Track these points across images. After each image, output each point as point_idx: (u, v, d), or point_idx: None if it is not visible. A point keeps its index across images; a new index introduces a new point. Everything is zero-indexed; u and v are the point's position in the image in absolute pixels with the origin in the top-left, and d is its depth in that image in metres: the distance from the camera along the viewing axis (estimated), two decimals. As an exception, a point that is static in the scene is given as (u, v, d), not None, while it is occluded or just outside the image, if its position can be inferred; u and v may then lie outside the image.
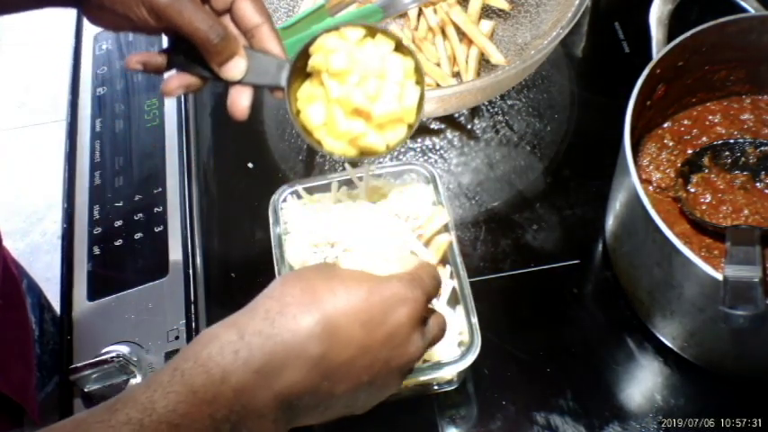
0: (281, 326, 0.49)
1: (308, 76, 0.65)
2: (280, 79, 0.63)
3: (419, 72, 0.64)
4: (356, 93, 0.62)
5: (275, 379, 0.48)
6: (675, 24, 0.79)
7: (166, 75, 0.64)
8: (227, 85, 0.63)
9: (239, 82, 0.62)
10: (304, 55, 0.63)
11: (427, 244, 0.74)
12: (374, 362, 0.51)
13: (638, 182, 0.68)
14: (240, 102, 0.63)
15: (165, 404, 0.46)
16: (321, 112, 0.64)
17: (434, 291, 0.58)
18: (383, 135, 0.65)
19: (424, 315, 0.56)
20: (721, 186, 0.78)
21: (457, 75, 0.95)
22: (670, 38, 0.77)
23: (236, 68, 0.61)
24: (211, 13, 0.60)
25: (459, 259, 0.71)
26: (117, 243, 0.86)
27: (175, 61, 0.63)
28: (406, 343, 0.53)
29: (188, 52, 0.62)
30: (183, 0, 0.58)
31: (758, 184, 0.78)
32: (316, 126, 0.65)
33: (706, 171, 0.79)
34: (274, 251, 0.72)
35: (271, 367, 0.48)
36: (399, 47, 0.63)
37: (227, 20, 0.63)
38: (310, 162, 0.93)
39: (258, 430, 0.48)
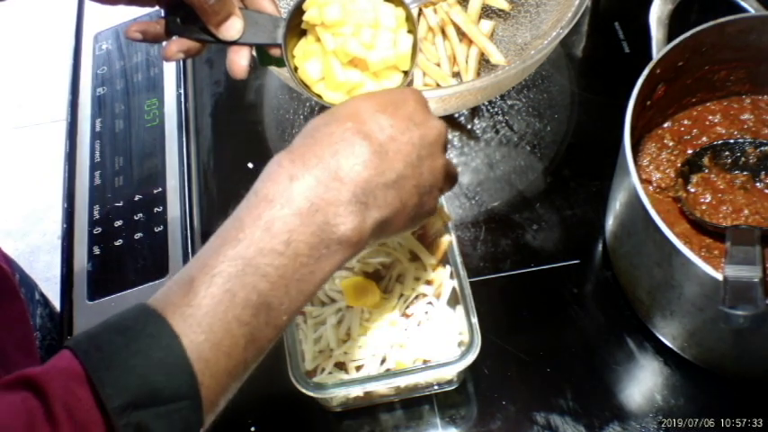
0: (319, 135, 0.53)
1: (303, 33, 0.67)
2: (276, 36, 0.64)
3: (411, 21, 0.66)
4: (351, 42, 0.64)
5: (338, 170, 0.51)
6: (675, 24, 0.79)
7: (164, 43, 0.66)
8: (226, 46, 0.64)
9: (237, 42, 0.64)
10: (298, 12, 0.65)
11: (427, 244, 0.74)
12: (412, 136, 0.55)
13: (638, 182, 0.68)
14: (239, 61, 0.65)
15: (251, 218, 0.50)
16: (318, 67, 0.66)
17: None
18: (380, 83, 0.67)
19: (429, 108, 0.59)
20: (721, 186, 0.78)
21: (457, 75, 0.95)
22: (670, 38, 0.77)
23: (232, 28, 0.63)
24: None
25: (459, 259, 0.71)
26: (117, 243, 0.86)
27: (173, 28, 0.65)
28: (427, 120, 0.57)
29: (185, 18, 0.63)
30: None
31: (758, 184, 0.78)
32: (314, 80, 0.66)
33: (706, 171, 0.79)
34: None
35: (328, 162, 0.51)
36: None
37: None
38: (310, 162, 0.93)
39: (344, 218, 0.51)
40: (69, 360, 0.45)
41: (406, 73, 0.67)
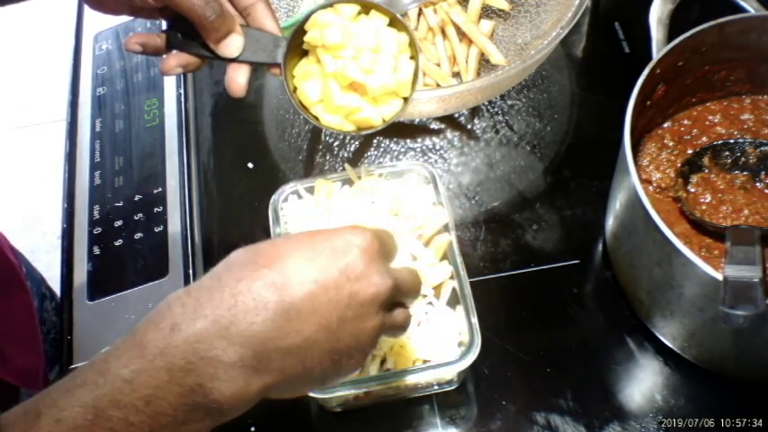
0: (227, 278, 0.47)
1: (304, 53, 0.66)
2: (276, 56, 0.64)
3: (414, 46, 0.66)
4: (351, 66, 0.63)
5: (229, 327, 0.45)
6: (675, 24, 0.79)
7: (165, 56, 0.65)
8: (225, 63, 0.64)
9: (236, 59, 0.63)
10: (300, 32, 0.65)
11: (427, 244, 0.74)
12: (338, 295, 0.48)
13: (638, 182, 0.68)
14: (237, 79, 0.64)
15: (117, 363, 0.45)
16: (317, 89, 0.65)
17: (391, 248, 0.54)
18: (379, 109, 0.66)
19: (381, 254, 0.51)
20: (721, 186, 0.78)
21: (457, 75, 0.95)
22: (670, 38, 0.77)
23: (232, 45, 0.62)
24: None
25: (459, 259, 0.71)
26: (117, 243, 0.86)
27: (174, 42, 0.64)
28: (367, 276, 0.49)
29: (186, 32, 0.63)
30: None
31: (758, 184, 0.78)
32: (312, 102, 0.66)
33: (706, 171, 0.79)
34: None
35: (221, 315, 0.46)
36: (394, 22, 0.65)
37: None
38: (310, 162, 0.93)
39: (225, 382, 0.45)
40: None
41: (405, 99, 0.67)
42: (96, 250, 0.86)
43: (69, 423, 0.43)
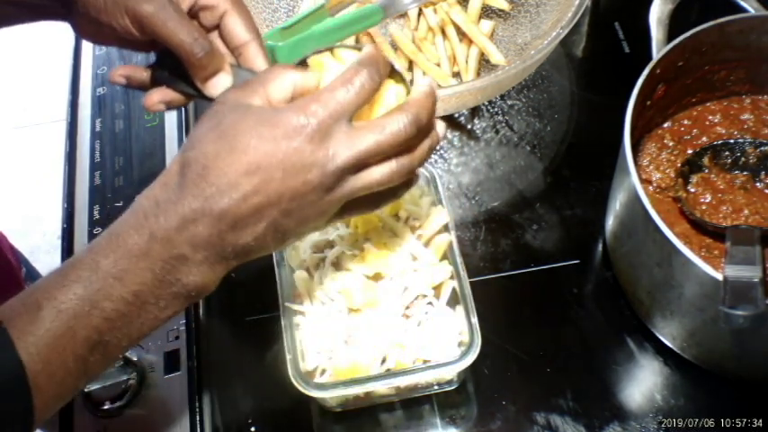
0: (184, 191, 0.52)
1: None
2: None
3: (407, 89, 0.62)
4: None
5: (191, 233, 0.51)
6: (675, 24, 0.79)
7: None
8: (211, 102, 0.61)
9: None
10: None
11: (427, 244, 0.74)
12: (280, 196, 0.51)
13: (638, 182, 0.68)
14: None
15: (107, 262, 0.51)
16: None
17: (347, 99, 0.52)
18: None
19: (327, 129, 0.51)
20: (721, 186, 0.78)
21: (457, 75, 0.95)
22: (670, 38, 0.77)
23: (219, 85, 0.60)
24: (198, 27, 0.60)
25: (459, 259, 0.71)
26: (117, 243, 0.85)
27: (160, 77, 0.63)
28: (306, 166, 0.51)
29: (173, 68, 0.61)
30: (168, 11, 0.57)
31: (758, 184, 0.78)
32: None
33: (706, 171, 0.79)
34: (274, 252, 0.72)
35: (184, 225, 0.51)
36: (392, 73, 0.60)
37: (215, 37, 0.63)
38: (310, 162, 0.93)
39: (197, 275, 0.53)
40: None
41: None
42: (96, 250, 0.86)
43: (70, 313, 0.50)
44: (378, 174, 0.54)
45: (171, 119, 0.94)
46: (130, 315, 0.52)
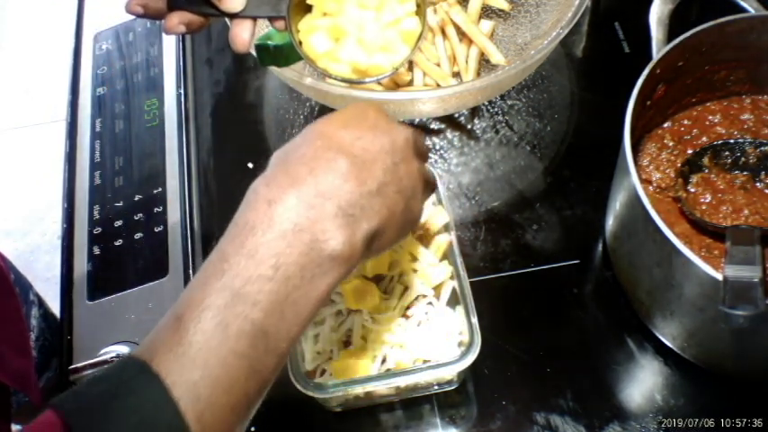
0: (292, 159, 0.53)
1: (308, 9, 0.67)
2: (280, 9, 0.64)
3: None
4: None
5: (318, 191, 0.50)
6: (675, 24, 0.79)
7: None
8: (229, 19, 0.64)
9: (240, 15, 0.63)
10: None
11: (427, 244, 0.74)
12: (382, 146, 0.54)
13: (638, 182, 0.68)
14: (241, 34, 0.65)
15: (233, 247, 0.49)
16: (324, 41, 0.66)
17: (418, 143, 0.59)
18: (387, 56, 0.68)
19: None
20: (721, 186, 0.78)
21: (457, 75, 0.95)
22: (670, 38, 0.77)
23: (235, 0, 0.63)
24: None
25: (459, 259, 0.71)
26: (117, 243, 0.86)
27: (175, 2, 0.64)
28: (393, 127, 0.56)
29: None
30: None
31: (758, 184, 0.78)
32: (319, 54, 0.67)
33: (706, 171, 0.79)
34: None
35: (307, 183, 0.50)
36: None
37: None
38: (310, 162, 0.93)
39: (336, 232, 0.50)
40: (52, 420, 0.44)
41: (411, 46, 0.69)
42: (96, 250, 0.86)
43: (213, 309, 0.46)
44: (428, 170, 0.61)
45: (171, 119, 0.94)
46: (277, 294, 0.47)
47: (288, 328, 0.49)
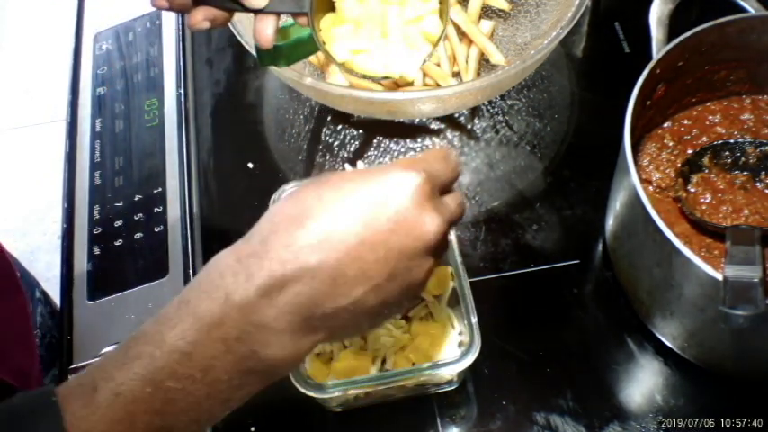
0: (273, 243, 0.46)
1: (331, 7, 0.68)
2: (303, 5, 0.65)
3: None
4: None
5: (278, 294, 0.45)
6: (675, 24, 0.79)
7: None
8: (253, 14, 0.65)
9: (263, 10, 0.64)
10: None
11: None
12: (388, 253, 0.46)
13: (638, 182, 0.68)
14: (265, 30, 0.65)
15: (173, 334, 0.45)
16: (348, 43, 0.67)
17: (444, 170, 0.52)
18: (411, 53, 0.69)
19: (433, 192, 0.50)
20: (721, 186, 0.78)
21: (457, 75, 0.95)
22: (670, 38, 0.77)
23: None
24: None
25: (459, 259, 0.71)
26: (117, 243, 0.86)
27: None
28: (420, 224, 0.47)
29: None
30: None
31: (758, 184, 0.78)
32: (342, 60, 0.68)
33: (706, 171, 0.79)
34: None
35: (271, 284, 0.45)
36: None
37: None
38: (310, 162, 0.93)
39: (277, 347, 0.46)
40: None
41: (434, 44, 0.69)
42: (96, 250, 0.86)
43: (128, 396, 0.44)
44: (453, 199, 0.54)
45: (171, 119, 0.94)
46: (198, 395, 0.45)
47: (197, 426, 0.47)
